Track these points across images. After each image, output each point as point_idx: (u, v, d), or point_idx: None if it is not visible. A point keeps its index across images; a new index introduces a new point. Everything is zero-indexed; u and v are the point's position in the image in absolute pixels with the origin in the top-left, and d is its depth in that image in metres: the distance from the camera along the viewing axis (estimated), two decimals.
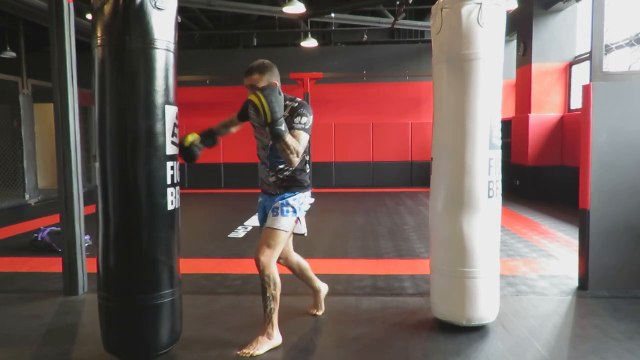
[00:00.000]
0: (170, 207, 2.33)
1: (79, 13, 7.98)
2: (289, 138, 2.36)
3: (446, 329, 2.79)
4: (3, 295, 3.54)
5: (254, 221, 6.41)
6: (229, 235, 5.51)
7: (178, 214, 2.42)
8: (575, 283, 3.57)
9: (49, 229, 4.87)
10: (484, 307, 2.74)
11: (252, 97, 2.30)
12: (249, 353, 2.51)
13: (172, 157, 2.33)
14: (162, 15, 2.23)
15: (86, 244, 3.67)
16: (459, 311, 2.74)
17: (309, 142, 2.59)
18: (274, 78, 2.50)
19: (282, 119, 2.33)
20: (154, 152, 2.26)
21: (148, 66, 2.22)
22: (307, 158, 2.69)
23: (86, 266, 3.55)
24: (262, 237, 2.62)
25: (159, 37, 2.23)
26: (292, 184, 2.65)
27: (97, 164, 2.32)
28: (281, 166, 2.63)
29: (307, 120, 2.48)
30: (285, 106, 2.50)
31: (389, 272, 3.97)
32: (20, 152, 8.05)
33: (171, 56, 2.30)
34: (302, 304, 3.18)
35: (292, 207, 2.60)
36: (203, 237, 5.59)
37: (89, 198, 3.40)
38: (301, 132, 2.44)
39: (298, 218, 2.62)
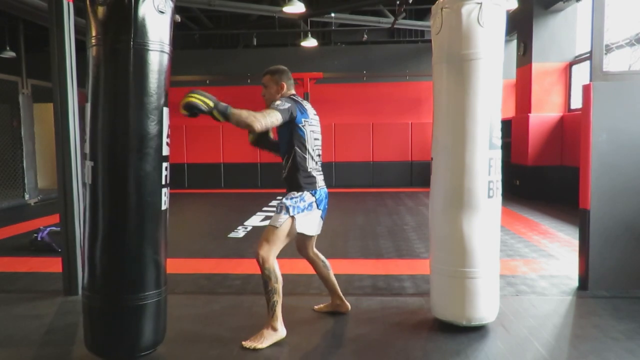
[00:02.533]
0: (163, 207, 2.34)
1: (79, 13, 7.97)
2: (235, 111, 2.43)
3: (446, 329, 2.79)
4: (3, 295, 3.54)
5: (254, 221, 6.42)
6: (229, 235, 5.51)
7: (167, 214, 2.43)
8: (575, 283, 3.57)
9: (49, 229, 4.86)
10: (484, 307, 2.74)
11: (187, 99, 2.34)
12: (252, 345, 2.54)
13: (166, 158, 2.35)
14: (161, 18, 2.23)
15: None
16: (459, 311, 2.74)
17: (305, 141, 2.69)
18: (283, 80, 2.77)
19: (220, 102, 2.41)
20: (152, 152, 2.26)
21: (143, 67, 2.21)
22: (306, 156, 2.70)
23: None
24: (262, 233, 2.69)
25: (155, 38, 2.22)
26: (291, 184, 2.73)
27: (88, 163, 2.30)
28: (283, 164, 2.76)
29: (281, 102, 2.59)
30: None
31: (389, 272, 3.97)
32: (20, 152, 8.05)
33: (166, 57, 2.29)
34: (302, 303, 3.18)
35: (286, 207, 2.65)
36: (203, 237, 5.59)
37: None
38: (267, 108, 2.57)
39: (293, 217, 2.63)
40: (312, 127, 2.74)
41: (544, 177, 7.80)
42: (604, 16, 3.33)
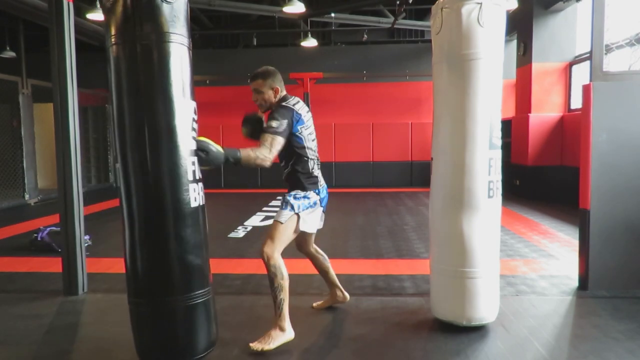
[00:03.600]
0: (194, 203, 2.25)
1: (79, 13, 7.99)
2: (245, 156, 2.45)
3: (446, 329, 2.79)
4: (3, 295, 3.54)
5: (254, 221, 6.42)
6: (229, 235, 5.51)
7: (204, 211, 2.35)
8: (575, 283, 3.57)
9: (48, 229, 4.87)
10: (484, 307, 2.74)
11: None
12: (260, 348, 2.52)
13: (191, 153, 2.27)
14: (171, 8, 2.19)
15: (86, 244, 3.67)
16: (459, 311, 2.74)
17: (304, 147, 2.68)
18: (277, 84, 2.70)
19: (226, 155, 2.41)
20: (173, 147, 2.21)
21: (162, 61, 2.19)
22: (307, 159, 2.70)
23: (86, 266, 3.55)
24: (267, 230, 2.69)
25: (171, 31, 2.19)
26: (293, 184, 2.73)
27: (118, 165, 2.28)
28: (282, 167, 2.78)
29: (279, 123, 2.54)
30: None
31: (389, 272, 3.97)
32: (20, 152, 8.05)
33: (185, 50, 2.25)
34: (301, 303, 3.18)
35: (291, 204, 2.65)
36: None
37: (88, 198, 3.40)
38: (267, 135, 2.53)
39: (297, 214, 2.64)
40: (308, 129, 2.72)
41: (544, 177, 7.80)
42: (604, 16, 3.33)
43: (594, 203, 3.39)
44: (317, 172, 2.77)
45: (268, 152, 2.49)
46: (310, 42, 10.57)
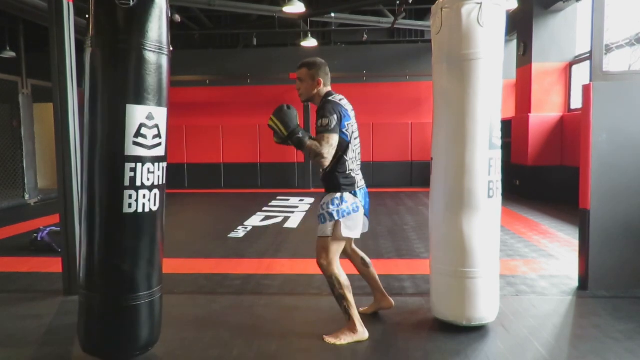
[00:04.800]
0: (127, 210, 2.22)
1: (79, 13, 7.98)
2: (309, 143, 2.49)
3: (446, 329, 2.79)
4: (3, 295, 3.54)
5: (254, 221, 6.41)
6: (229, 235, 5.51)
7: (148, 217, 2.30)
8: (575, 283, 3.57)
9: (49, 229, 4.87)
10: (484, 307, 2.74)
11: (269, 122, 2.54)
12: (331, 342, 2.60)
13: (131, 158, 2.21)
14: (159, 19, 2.20)
15: None
16: (459, 311, 2.74)
17: (348, 144, 2.63)
18: (320, 76, 2.69)
19: (297, 129, 2.50)
20: (107, 152, 2.23)
21: (106, 65, 2.21)
22: (346, 158, 2.63)
23: None
24: (317, 244, 2.68)
25: (125, 34, 2.19)
26: (329, 185, 2.68)
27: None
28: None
29: (329, 120, 2.52)
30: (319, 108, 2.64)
31: (389, 272, 3.97)
32: (20, 152, 8.05)
33: (143, 53, 2.23)
34: (302, 303, 3.18)
35: (329, 214, 2.60)
36: (203, 237, 5.59)
37: None
38: (323, 134, 2.51)
39: (338, 221, 2.59)
40: (353, 127, 2.67)
41: (544, 177, 7.80)
42: (604, 16, 3.33)
43: (594, 203, 3.39)
44: (356, 173, 2.69)
45: (327, 151, 2.49)
46: (310, 42, 10.57)
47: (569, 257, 4.32)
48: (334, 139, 2.53)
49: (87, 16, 2.25)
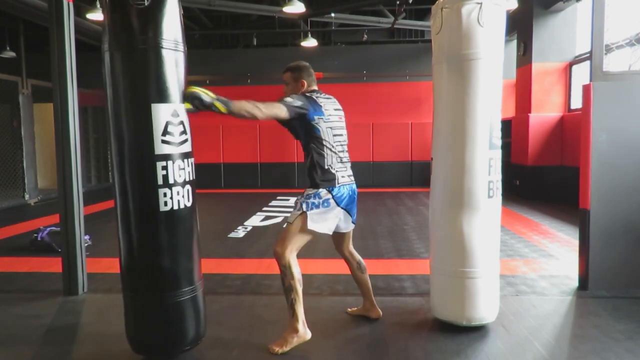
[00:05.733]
0: (163, 208, 2.27)
1: (79, 13, 7.98)
2: (237, 102, 2.43)
3: (446, 329, 2.79)
4: (3, 295, 3.54)
5: (254, 221, 6.41)
6: (229, 235, 5.51)
7: (184, 214, 2.37)
8: (575, 283, 3.57)
9: (49, 229, 4.86)
10: (484, 307, 2.74)
11: (187, 93, 2.36)
12: (277, 351, 2.53)
13: (162, 157, 2.26)
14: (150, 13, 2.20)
15: (86, 244, 3.67)
16: (459, 311, 2.74)
17: (321, 138, 2.66)
18: (304, 78, 2.75)
19: (215, 97, 2.41)
20: (138, 152, 2.25)
21: (129, 66, 2.22)
22: (324, 153, 2.65)
23: (86, 266, 3.55)
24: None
25: (150, 34, 2.21)
26: (309, 179, 2.70)
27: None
28: (304, 161, 2.74)
29: (291, 100, 2.57)
30: None
31: (389, 272, 3.97)
32: (20, 152, 8.05)
33: (165, 52, 2.25)
34: None
35: (300, 203, 2.63)
36: (203, 237, 5.53)
37: (88, 198, 3.40)
38: (277, 102, 2.55)
39: (305, 213, 2.59)
40: (329, 123, 2.67)
41: (544, 177, 7.80)
42: (604, 16, 3.33)
43: (594, 203, 3.39)
44: (337, 169, 2.68)
45: (264, 107, 2.46)
46: (310, 42, 10.57)
47: (569, 257, 4.32)
48: (279, 109, 2.50)
49: (102, 20, 2.27)
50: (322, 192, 2.63)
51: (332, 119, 2.72)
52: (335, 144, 2.70)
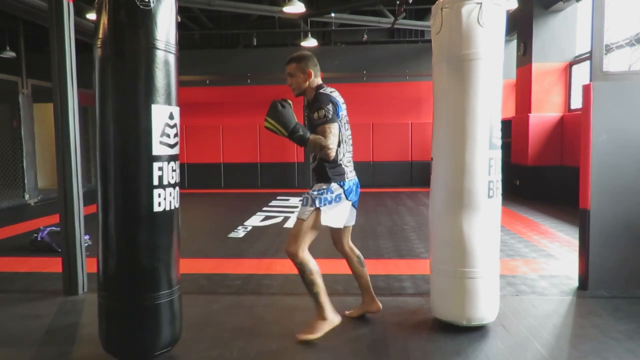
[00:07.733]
0: (157, 208, 2.27)
1: (79, 13, 7.98)
2: (312, 138, 2.51)
3: (446, 329, 2.79)
4: (3, 295, 3.54)
5: (254, 221, 6.41)
6: (229, 235, 5.51)
7: (172, 215, 2.36)
8: (575, 283, 3.57)
9: (48, 229, 4.87)
10: (484, 307, 2.74)
11: (265, 125, 2.53)
12: (307, 337, 2.57)
13: (158, 158, 2.26)
14: (150, 14, 2.20)
15: (86, 244, 3.67)
16: (459, 311, 2.74)
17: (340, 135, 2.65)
18: (310, 67, 2.72)
19: (297, 126, 2.49)
20: (134, 152, 2.23)
21: (130, 66, 2.22)
22: (338, 149, 2.64)
23: (86, 266, 3.55)
24: (291, 228, 2.70)
25: (153, 36, 2.21)
26: (320, 176, 2.70)
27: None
28: (312, 156, 2.73)
29: (326, 111, 2.55)
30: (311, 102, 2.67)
31: (389, 272, 3.97)
32: (20, 152, 8.05)
33: (164, 55, 2.26)
34: (301, 303, 3.17)
35: (312, 199, 2.62)
36: (203, 237, 5.59)
37: (88, 198, 3.40)
38: (324, 125, 2.54)
39: (319, 209, 2.59)
40: (343, 119, 2.70)
41: (544, 177, 7.80)
42: (604, 16, 3.33)
43: (594, 203, 3.38)
44: (346, 165, 2.70)
45: (332, 141, 2.51)
46: (310, 42, 10.58)
47: (569, 257, 4.32)
48: (335, 128, 2.56)
49: (96, 19, 2.25)
50: (334, 186, 2.65)
51: (345, 113, 2.76)
52: (347, 139, 2.74)
